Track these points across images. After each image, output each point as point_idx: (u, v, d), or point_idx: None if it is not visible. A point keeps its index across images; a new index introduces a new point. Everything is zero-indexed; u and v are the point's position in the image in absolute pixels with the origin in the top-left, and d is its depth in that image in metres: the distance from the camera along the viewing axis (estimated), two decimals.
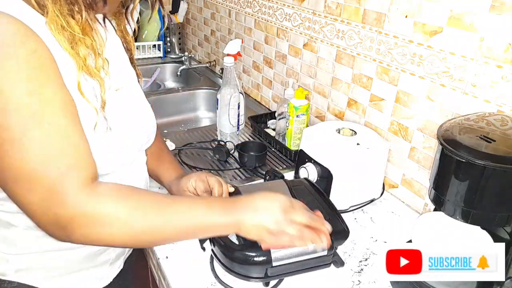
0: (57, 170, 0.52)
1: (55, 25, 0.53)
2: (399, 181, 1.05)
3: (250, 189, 0.89)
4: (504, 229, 0.70)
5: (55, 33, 0.53)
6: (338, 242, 0.77)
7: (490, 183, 0.62)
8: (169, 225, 0.59)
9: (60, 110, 0.53)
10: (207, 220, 0.61)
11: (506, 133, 0.68)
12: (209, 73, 1.98)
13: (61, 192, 0.53)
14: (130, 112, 0.70)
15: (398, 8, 0.95)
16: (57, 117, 0.53)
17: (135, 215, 0.57)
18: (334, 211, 0.81)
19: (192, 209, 0.61)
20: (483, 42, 0.79)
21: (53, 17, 0.53)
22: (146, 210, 0.58)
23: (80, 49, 0.56)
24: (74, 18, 0.55)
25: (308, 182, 0.91)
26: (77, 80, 0.56)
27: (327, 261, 0.76)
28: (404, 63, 0.97)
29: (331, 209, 0.82)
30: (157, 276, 0.89)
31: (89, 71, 0.58)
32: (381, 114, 1.06)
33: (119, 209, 0.56)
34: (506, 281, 0.67)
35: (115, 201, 0.57)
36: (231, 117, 1.38)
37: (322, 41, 1.22)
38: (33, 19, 0.53)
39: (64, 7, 0.54)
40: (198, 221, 0.61)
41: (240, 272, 0.74)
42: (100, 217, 0.55)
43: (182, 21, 2.16)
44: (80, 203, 0.54)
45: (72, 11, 0.55)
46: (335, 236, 0.75)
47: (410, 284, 0.73)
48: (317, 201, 0.84)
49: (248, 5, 1.57)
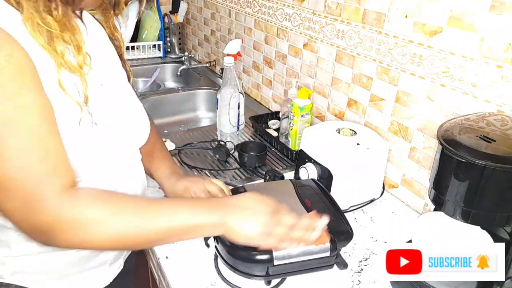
0: (35, 177, 0.52)
1: (30, 22, 0.53)
2: (399, 181, 1.05)
3: (257, 189, 0.89)
4: (504, 229, 0.70)
5: (31, 30, 0.53)
6: (341, 243, 0.77)
7: (490, 183, 0.62)
8: (151, 227, 0.59)
9: (37, 116, 0.53)
10: (192, 221, 0.61)
11: (506, 133, 0.68)
12: (209, 73, 1.98)
13: (40, 198, 0.52)
14: (116, 106, 0.69)
15: (398, 8, 0.95)
16: (34, 123, 0.53)
17: (115, 218, 0.56)
18: (339, 213, 0.81)
19: (176, 210, 0.61)
20: (483, 42, 0.79)
21: (28, 15, 0.52)
22: (126, 213, 0.58)
23: (57, 46, 0.55)
24: (51, 14, 0.54)
25: (315, 183, 0.91)
26: (58, 76, 0.56)
27: (330, 262, 0.76)
28: (404, 63, 0.97)
29: (336, 210, 0.82)
30: (157, 276, 0.89)
31: (68, 67, 0.57)
32: (381, 114, 1.06)
33: (99, 212, 0.56)
34: (506, 281, 0.67)
35: (95, 205, 0.56)
36: (231, 117, 1.38)
37: (322, 41, 1.22)
38: (9, 17, 0.52)
39: (39, 3, 0.53)
40: (182, 222, 0.60)
41: (241, 270, 0.75)
42: (81, 222, 0.55)
43: (182, 21, 2.16)
44: (60, 209, 0.53)
45: (49, 7, 0.54)
46: (339, 238, 0.75)
47: (410, 284, 0.73)
48: (323, 201, 0.84)
49: (248, 5, 1.57)
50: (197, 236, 0.66)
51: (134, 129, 0.74)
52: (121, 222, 0.57)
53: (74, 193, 0.56)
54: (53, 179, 0.54)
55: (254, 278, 0.74)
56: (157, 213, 0.59)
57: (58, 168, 0.55)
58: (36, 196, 0.52)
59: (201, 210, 0.62)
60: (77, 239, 0.56)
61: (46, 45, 0.54)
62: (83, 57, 0.60)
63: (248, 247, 0.72)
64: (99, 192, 0.59)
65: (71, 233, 0.55)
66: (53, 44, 0.55)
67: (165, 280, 0.80)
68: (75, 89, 0.59)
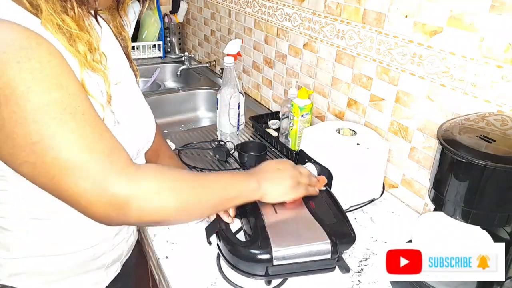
0: (102, 153, 0.54)
1: (51, 24, 0.53)
2: (399, 181, 1.05)
3: None
4: (504, 229, 0.70)
5: (53, 31, 0.53)
6: (344, 246, 0.77)
7: (490, 183, 0.62)
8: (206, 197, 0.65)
9: (86, 101, 0.55)
10: (236, 189, 0.69)
11: (506, 133, 0.68)
12: (209, 73, 1.98)
13: (114, 172, 0.54)
14: (133, 105, 0.71)
15: (398, 8, 0.95)
16: (87, 108, 0.54)
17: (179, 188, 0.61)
18: (343, 216, 0.81)
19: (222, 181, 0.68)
20: (483, 42, 0.79)
21: (47, 16, 0.53)
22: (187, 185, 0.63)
23: (79, 46, 0.56)
24: (68, 15, 0.55)
25: None
26: (81, 77, 0.56)
27: (331, 264, 0.76)
28: (404, 63, 0.97)
29: (340, 213, 0.82)
30: (157, 276, 0.89)
31: (91, 67, 0.58)
32: (381, 114, 1.06)
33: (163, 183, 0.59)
34: (506, 281, 0.67)
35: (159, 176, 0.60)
36: (231, 117, 1.38)
37: (322, 41, 1.22)
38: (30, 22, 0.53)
39: (56, 4, 0.54)
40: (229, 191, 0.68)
41: (242, 268, 0.75)
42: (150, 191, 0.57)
43: (182, 21, 2.16)
44: (131, 180, 0.55)
45: (65, 8, 0.55)
46: (341, 241, 0.75)
47: (410, 284, 0.73)
48: (327, 204, 0.84)
49: (248, 5, 1.57)
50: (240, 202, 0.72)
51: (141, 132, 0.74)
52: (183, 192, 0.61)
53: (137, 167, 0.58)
54: (118, 153, 0.56)
55: (254, 277, 0.74)
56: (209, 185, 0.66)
57: (117, 144, 0.57)
58: (109, 170, 0.53)
59: (241, 178, 0.72)
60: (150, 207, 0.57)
61: (69, 46, 0.55)
62: (99, 56, 0.60)
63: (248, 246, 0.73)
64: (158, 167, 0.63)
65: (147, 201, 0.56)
66: (75, 44, 0.56)
67: (165, 280, 0.80)
68: (97, 88, 0.59)
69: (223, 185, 0.68)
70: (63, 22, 0.54)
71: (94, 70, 0.58)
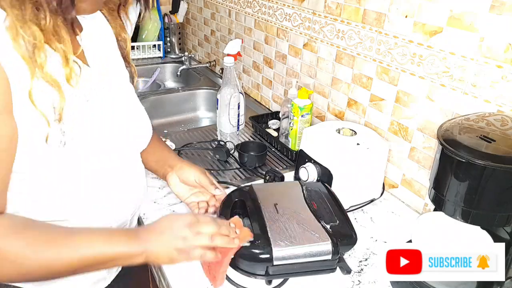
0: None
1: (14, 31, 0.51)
2: (399, 181, 1.05)
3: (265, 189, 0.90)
4: (504, 229, 0.70)
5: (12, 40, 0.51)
6: (345, 247, 0.77)
7: (490, 183, 0.62)
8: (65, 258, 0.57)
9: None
10: (109, 251, 0.59)
11: (506, 133, 0.68)
12: (209, 73, 1.98)
13: None
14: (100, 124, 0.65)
15: (398, 8, 0.95)
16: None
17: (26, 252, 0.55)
18: (345, 217, 0.82)
19: (91, 240, 0.59)
20: (483, 42, 0.79)
21: (11, 24, 0.51)
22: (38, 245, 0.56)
23: (38, 57, 0.53)
24: (38, 24, 0.52)
25: (324, 186, 0.91)
26: (29, 88, 0.53)
27: (332, 265, 0.76)
28: (404, 63, 0.97)
29: (342, 214, 0.82)
30: (157, 276, 0.89)
31: (47, 79, 0.54)
32: (381, 114, 1.06)
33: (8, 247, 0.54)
34: (506, 281, 0.67)
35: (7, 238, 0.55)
36: (231, 117, 1.38)
37: (322, 41, 1.22)
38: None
39: (26, 12, 0.51)
40: (98, 252, 0.58)
41: (242, 268, 0.75)
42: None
43: (182, 21, 2.16)
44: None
45: (37, 16, 0.52)
46: (342, 242, 0.75)
47: (410, 284, 0.73)
48: (329, 205, 0.84)
49: (248, 5, 1.57)
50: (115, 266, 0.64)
51: (134, 133, 0.73)
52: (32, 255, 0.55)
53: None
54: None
55: (254, 277, 0.75)
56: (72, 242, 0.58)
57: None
58: None
59: (119, 239, 0.60)
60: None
61: (26, 56, 0.52)
62: (70, 69, 0.57)
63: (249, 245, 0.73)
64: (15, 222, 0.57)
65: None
66: (33, 55, 0.52)
67: (165, 280, 0.80)
68: (50, 104, 0.56)
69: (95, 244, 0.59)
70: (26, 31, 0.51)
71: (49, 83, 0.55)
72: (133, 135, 0.73)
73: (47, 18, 0.53)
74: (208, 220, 0.66)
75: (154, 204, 0.97)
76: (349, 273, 0.77)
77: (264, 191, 0.88)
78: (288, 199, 0.86)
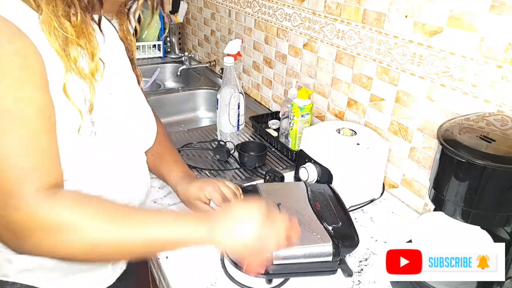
0: (17, 170, 0.50)
1: (48, 26, 0.53)
2: (399, 181, 1.05)
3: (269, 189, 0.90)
4: (504, 229, 0.70)
5: (47, 33, 0.53)
6: (346, 249, 0.77)
7: (490, 183, 0.62)
8: (132, 236, 0.55)
9: (35, 112, 0.52)
10: (177, 232, 0.57)
11: (506, 133, 0.68)
12: (209, 73, 1.98)
13: (16, 194, 0.50)
14: (123, 117, 0.68)
15: (398, 8, 0.95)
16: (30, 118, 0.52)
17: (93, 223, 0.53)
18: (348, 219, 0.82)
19: (161, 220, 0.57)
20: (483, 42, 0.79)
21: (46, 18, 0.53)
22: (106, 219, 0.54)
23: (72, 51, 0.55)
24: (69, 20, 0.54)
25: (330, 188, 0.91)
26: (64, 81, 0.55)
27: (333, 267, 0.76)
28: (404, 63, 0.97)
29: (346, 216, 0.82)
30: (157, 276, 0.89)
31: (79, 73, 0.57)
32: (381, 114, 1.06)
33: (75, 217, 0.53)
34: (506, 281, 0.67)
35: (72, 209, 0.53)
36: (231, 117, 1.38)
37: (322, 41, 1.22)
38: (27, 18, 0.52)
39: (59, 8, 0.53)
40: (167, 233, 0.56)
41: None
42: (54, 224, 0.52)
43: (182, 21, 2.16)
44: (34, 207, 0.51)
45: (68, 12, 0.54)
46: (344, 244, 0.75)
47: (410, 284, 0.73)
48: (333, 206, 0.84)
49: (248, 5, 1.57)
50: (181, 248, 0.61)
51: (140, 133, 0.74)
52: (100, 228, 0.53)
53: (53, 193, 0.53)
54: (35, 176, 0.52)
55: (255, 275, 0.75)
56: (141, 221, 0.56)
57: (43, 165, 0.53)
58: (13, 190, 0.50)
59: (189, 221, 0.58)
60: (47, 243, 0.52)
61: (60, 50, 0.54)
62: (96, 64, 0.59)
63: None
64: (81, 195, 0.56)
65: (42, 235, 0.52)
66: (67, 49, 0.55)
67: (165, 280, 0.80)
68: (81, 96, 0.58)
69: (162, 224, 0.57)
70: (60, 26, 0.53)
71: (81, 77, 0.57)
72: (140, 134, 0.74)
73: (78, 14, 0.55)
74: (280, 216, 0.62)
75: (154, 204, 0.97)
76: (350, 275, 0.77)
77: (268, 190, 0.88)
78: (292, 199, 0.86)
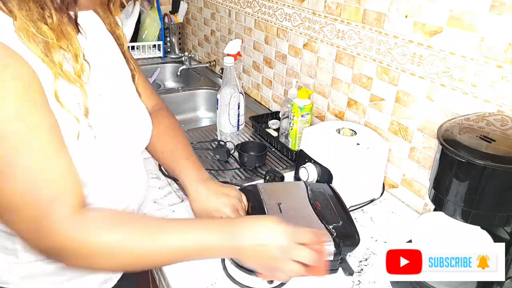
0: (44, 200, 0.51)
1: (25, 33, 0.50)
2: (399, 181, 1.05)
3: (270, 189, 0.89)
4: (504, 229, 0.70)
5: (25, 41, 0.50)
6: (347, 248, 0.77)
7: (490, 183, 0.62)
8: (162, 249, 0.58)
9: (47, 135, 0.52)
10: (203, 243, 0.59)
11: (506, 133, 0.68)
12: (209, 73, 1.98)
13: (49, 221, 0.52)
14: (115, 118, 0.66)
15: (398, 8, 0.95)
16: (45, 142, 0.51)
17: (126, 243, 0.56)
18: (348, 218, 0.82)
19: (186, 231, 0.59)
20: (483, 42, 0.79)
21: (22, 24, 0.50)
22: (137, 236, 0.57)
23: (55, 56, 0.53)
24: (46, 23, 0.52)
25: (330, 187, 0.91)
26: (54, 88, 0.53)
27: (334, 266, 0.76)
28: (404, 63, 0.97)
29: (346, 215, 0.82)
30: (157, 276, 0.89)
31: (67, 78, 0.54)
32: (381, 114, 1.06)
33: (110, 237, 0.55)
34: (506, 281, 0.67)
35: (105, 229, 0.56)
36: (231, 117, 1.38)
37: (322, 41, 1.22)
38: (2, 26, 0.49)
39: (33, 12, 0.51)
40: (193, 243, 0.59)
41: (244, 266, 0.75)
42: (90, 246, 0.54)
43: (182, 21, 2.16)
44: (70, 232, 0.53)
45: (43, 15, 0.52)
46: (344, 243, 0.75)
47: (410, 284, 0.73)
48: (333, 205, 0.84)
49: (248, 5, 1.57)
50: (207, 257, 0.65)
51: (135, 131, 0.73)
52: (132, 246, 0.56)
53: (84, 214, 0.55)
54: (63, 201, 0.53)
55: (255, 275, 0.74)
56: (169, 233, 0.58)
57: (67, 189, 0.54)
58: (45, 219, 0.51)
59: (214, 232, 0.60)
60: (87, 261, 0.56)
61: (44, 56, 0.52)
62: (81, 65, 0.56)
63: None
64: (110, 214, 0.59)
65: (81, 256, 0.55)
66: (50, 54, 0.52)
67: (165, 280, 0.80)
68: (74, 100, 0.56)
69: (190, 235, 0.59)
70: (38, 31, 0.51)
71: (70, 82, 0.55)
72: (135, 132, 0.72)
73: (52, 16, 0.52)
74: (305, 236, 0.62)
75: (154, 204, 0.97)
76: (351, 274, 0.77)
77: (269, 190, 0.88)
78: (292, 199, 0.86)
